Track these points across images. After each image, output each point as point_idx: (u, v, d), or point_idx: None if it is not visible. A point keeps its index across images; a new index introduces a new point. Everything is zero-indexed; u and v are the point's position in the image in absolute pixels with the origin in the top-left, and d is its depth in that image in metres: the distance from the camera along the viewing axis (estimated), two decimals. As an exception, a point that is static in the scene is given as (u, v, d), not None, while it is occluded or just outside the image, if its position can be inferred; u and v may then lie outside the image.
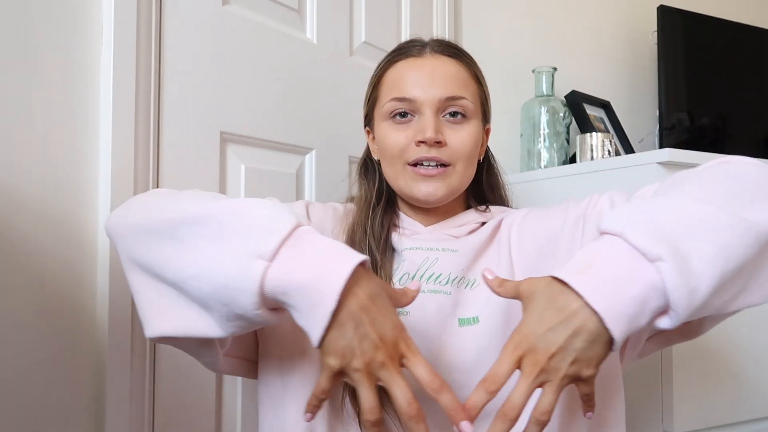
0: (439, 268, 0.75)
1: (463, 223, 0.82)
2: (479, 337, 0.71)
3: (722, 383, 1.08)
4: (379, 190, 0.83)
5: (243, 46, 1.02)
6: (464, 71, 0.80)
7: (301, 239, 0.54)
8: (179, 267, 0.56)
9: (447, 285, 0.74)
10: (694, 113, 1.59)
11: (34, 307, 0.75)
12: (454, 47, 0.82)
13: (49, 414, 0.76)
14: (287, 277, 0.52)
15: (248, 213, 0.56)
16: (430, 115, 0.76)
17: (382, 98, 0.80)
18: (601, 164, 1.19)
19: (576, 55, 1.66)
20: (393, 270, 0.77)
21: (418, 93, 0.76)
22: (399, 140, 0.77)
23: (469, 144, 0.78)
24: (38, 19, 0.77)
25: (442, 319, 0.72)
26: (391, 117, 0.79)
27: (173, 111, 0.91)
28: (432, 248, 0.77)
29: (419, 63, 0.79)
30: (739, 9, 1.91)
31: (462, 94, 0.77)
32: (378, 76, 0.83)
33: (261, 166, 1.05)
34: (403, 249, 0.77)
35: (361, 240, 0.78)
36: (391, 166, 0.79)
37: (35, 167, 0.76)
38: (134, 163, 0.84)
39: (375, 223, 0.79)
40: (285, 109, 1.09)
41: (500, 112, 1.56)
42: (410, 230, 0.81)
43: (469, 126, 0.78)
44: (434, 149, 0.75)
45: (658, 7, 1.55)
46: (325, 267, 0.52)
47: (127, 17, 0.84)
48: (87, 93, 0.82)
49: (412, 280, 0.74)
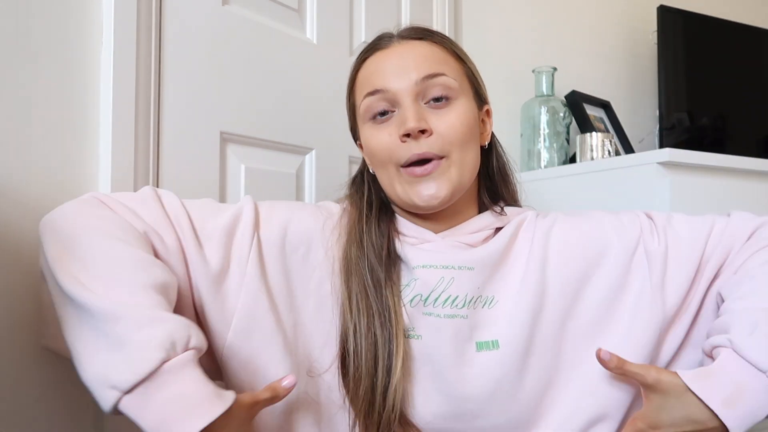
0: (456, 289, 0.69)
1: (478, 228, 0.74)
2: (498, 364, 0.67)
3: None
4: (369, 199, 0.76)
5: (243, 46, 1.02)
6: (438, 50, 0.73)
7: (164, 380, 0.51)
8: (68, 332, 0.56)
9: (464, 308, 0.68)
10: (694, 113, 1.59)
11: (34, 307, 0.75)
12: (422, 29, 0.75)
13: (49, 414, 0.76)
14: (139, 414, 0.50)
15: (125, 327, 0.52)
16: (409, 103, 0.68)
17: (358, 100, 0.74)
18: (601, 164, 1.19)
19: (576, 55, 1.66)
20: (402, 286, 0.70)
21: (391, 82, 0.69)
22: (383, 140, 0.70)
23: (459, 126, 0.69)
24: (38, 19, 0.77)
25: (459, 345, 0.68)
26: (371, 119, 0.72)
27: (173, 111, 0.91)
28: (447, 266, 0.69)
29: (387, 54, 0.72)
30: (739, 9, 1.91)
31: (440, 71, 0.70)
32: (351, 81, 0.77)
33: (261, 166, 1.05)
34: (415, 266, 0.70)
35: (357, 258, 0.70)
36: (383, 171, 0.72)
37: (35, 167, 0.76)
38: (134, 163, 0.84)
39: (372, 235, 0.71)
40: (285, 109, 1.09)
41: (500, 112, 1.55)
42: (418, 238, 0.73)
43: (455, 107, 0.70)
44: (423, 141, 0.68)
45: (658, 7, 1.55)
46: (177, 416, 0.50)
47: (127, 17, 0.84)
48: (87, 93, 0.82)
49: (425, 302, 0.69)
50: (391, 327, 0.67)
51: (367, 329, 0.67)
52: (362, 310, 0.68)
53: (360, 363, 0.66)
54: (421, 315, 0.69)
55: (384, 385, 0.65)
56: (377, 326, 0.67)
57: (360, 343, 0.67)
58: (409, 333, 0.69)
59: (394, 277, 0.71)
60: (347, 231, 0.73)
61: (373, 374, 0.66)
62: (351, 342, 0.67)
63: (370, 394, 0.66)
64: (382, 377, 0.65)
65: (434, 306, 0.69)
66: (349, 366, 0.67)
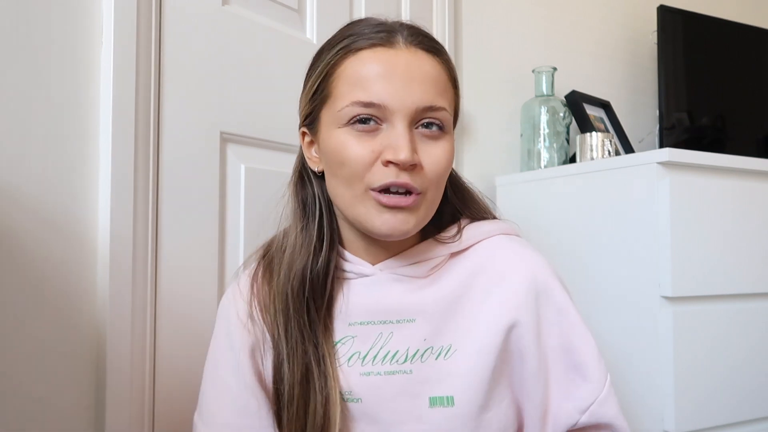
0: (395, 344, 0.65)
1: (422, 259, 0.67)
2: (451, 422, 0.63)
3: (722, 383, 1.08)
4: (320, 230, 0.68)
5: (243, 46, 1.02)
6: (444, 73, 0.65)
7: None
8: None
9: (406, 363, 0.64)
10: (694, 113, 1.59)
11: (34, 307, 0.75)
12: (432, 39, 0.66)
13: (49, 414, 0.76)
14: None
15: None
16: (402, 129, 0.60)
17: (339, 99, 0.62)
18: (601, 164, 1.19)
19: (576, 55, 1.66)
20: (337, 341, 0.67)
21: (389, 99, 0.60)
22: (361, 155, 0.60)
23: (444, 166, 0.63)
24: (38, 19, 0.77)
25: (405, 402, 0.64)
26: (349, 123, 0.61)
27: (173, 111, 0.91)
28: (385, 321, 0.66)
29: (390, 57, 0.61)
30: (739, 9, 1.91)
31: (442, 104, 0.62)
32: (330, 65, 0.64)
33: (261, 166, 1.05)
34: (352, 323, 0.66)
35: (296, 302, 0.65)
36: (346, 186, 0.62)
37: (35, 167, 0.76)
38: (134, 163, 0.84)
39: (317, 272, 0.66)
40: (285, 109, 1.09)
41: (500, 112, 1.56)
42: (355, 273, 0.68)
43: (444, 142, 0.63)
44: (406, 174, 0.60)
45: (658, 7, 1.55)
46: None
47: (127, 17, 0.84)
48: (87, 93, 0.82)
49: (363, 361, 0.65)
50: (327, 370, 0.65)
51: (301, 375, 0.65)
52: (297, 354, 0.65)
53: (293, 411, 0.65)
54: (359, 376, 0.66)
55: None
56: (314, 370, 0.65)
57: (294, 389, 0.65)
58: (347, 397, 0.66)
59: (329, 320, 0.67)
60: (287, 264, 0.67)
61: (305, 422, 0.64)
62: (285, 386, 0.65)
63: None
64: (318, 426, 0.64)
65: (373, 364, 0.65)
66: (283, 414, 0.66)
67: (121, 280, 0.82)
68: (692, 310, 1.05)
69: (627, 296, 1.09)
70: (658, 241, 1.04)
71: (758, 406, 1.12)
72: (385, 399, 0.64)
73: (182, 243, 0.91)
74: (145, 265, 0.86)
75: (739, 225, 1.11)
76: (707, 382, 1.06)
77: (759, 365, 1.12)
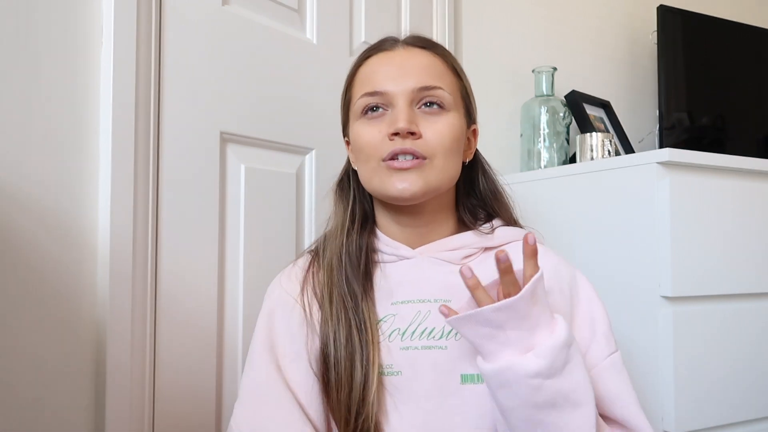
0: (432, 321, 0.70)
1: (457, 246, 0.75)
2: (482, 398, 0.66)
3: (722, 383, 1.08)
4: (353, 210, 0.78)
5: (243, 46, 1.02)
6: (439, 63, 0.75)
7: None
8: None
9: (442, 339, 0.69)
10: (694, 113, 1.59)
11: (34, 307, 0.75)
12: (427, 39, 0.77)
13: (49, 414, 0.76)
14: None
15: None
16: (403, 106, 0.70)
17: (354, 98, 0.75)
18: (601, 164, 1.19)
19: (576, 55, 1.66)
20: (380, 319, 0.72)
21: (390, 85, 0.71)
22: (372, 135, 0.71)
23: (448, 136, 0.71)
24: (38, 19, 0.77)
25: (440, 377, 0.68)
26: (363, 114, 0.73)
27: (173, 111, 0.91)
28: (423, 299, 0.72)
29: (390, 56, 0.74)
30: (739, 9, 1.91)
31: (437, 84, 0.72)
32: (351, 76, 0.78)
33: (261, 166, 1.05)
34: (394, 302, 0.72)
35: (337, 269, 0.73)
36: (365, 166, 0.73)
37: (35, 167, 0.76)
38: (134, 162, 0.84)
39: (352, 248, 0.74)
40: (285, 109, 1.09)
41: (500, 112, 1.56)
42: (396, 255, 0.75)
43: (446, 117, 0.72)
44: (408, 141, 0.69)
45: (658, 7, 1.55)
46: None
47: (127, 17, 0.84)
48: (87, 93, 0.82)
49: (402, 336, 0.70)
50: (368, 337, 0.69)
51: (345, 339, 0.69)
52: (341, 320, 0.70)
53: (340, 371, 0.68)
54: (399, 350, 0.70)
55: (359, 398, 0.67)
56: (355, 336, 0.69)
57: (339, 351, 0.69)
58: (388, 371, 0.69)
59: (370, 294, 0.73)
60: (329, 245, 0.76)
61: (350, 383, 0.67)
62: (331, 349, 0.69)
63: (347, 402, 0.67)
64: (359, 388, 0.67)
65: (411, 339, 0.70)
66: (330, 375, 0.69)
67: (121, 280, 0.82)
68: (692, 310, 1.05)
69: (627, 296, 1.09)
70: (658, 241, 1.04)
71: (758, 406, 1.12)
72: (422, 372, 0.68)
73: (182, 243, 0.92)
74: (145, 265, 0.86)
75: (739, 225, 1.11)
76: (707, 382, 1.06)
77: (759, 365, 1.12)
